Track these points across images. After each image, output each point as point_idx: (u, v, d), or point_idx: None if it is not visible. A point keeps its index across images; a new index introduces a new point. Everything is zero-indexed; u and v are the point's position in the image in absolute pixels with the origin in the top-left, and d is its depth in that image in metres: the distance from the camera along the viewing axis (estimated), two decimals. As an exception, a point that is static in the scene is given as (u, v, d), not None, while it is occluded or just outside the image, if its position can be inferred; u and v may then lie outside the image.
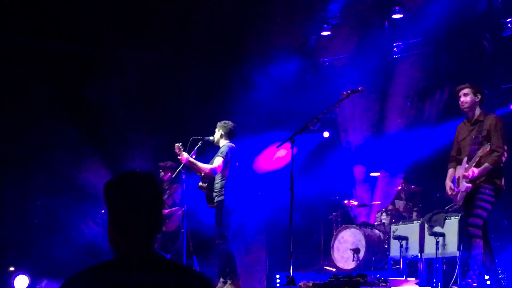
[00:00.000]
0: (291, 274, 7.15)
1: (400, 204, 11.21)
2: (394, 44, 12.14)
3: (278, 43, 12.12)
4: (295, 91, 12.68)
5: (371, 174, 12.75)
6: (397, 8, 11.46)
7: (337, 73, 12.54)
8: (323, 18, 12.02)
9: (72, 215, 12.22)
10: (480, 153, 6.91)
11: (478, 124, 7.17)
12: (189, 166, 8.53)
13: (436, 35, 11.32)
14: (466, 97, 7.22)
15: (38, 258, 11.62)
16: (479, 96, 7.24)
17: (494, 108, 11.03)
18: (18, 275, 11.00)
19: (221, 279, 8.30)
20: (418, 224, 9.56)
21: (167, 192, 10.63)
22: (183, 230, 9.04)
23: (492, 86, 11.29)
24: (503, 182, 7.10)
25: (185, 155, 8.38)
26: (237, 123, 8.85)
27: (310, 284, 7.18)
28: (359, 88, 7.69)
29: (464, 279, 6.77)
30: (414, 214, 10.55)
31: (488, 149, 6.90)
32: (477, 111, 7.25)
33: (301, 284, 7.24)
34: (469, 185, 6.99)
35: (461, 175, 7.10)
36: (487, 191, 7.00)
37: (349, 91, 7.61)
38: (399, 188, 11.34)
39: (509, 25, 10.93)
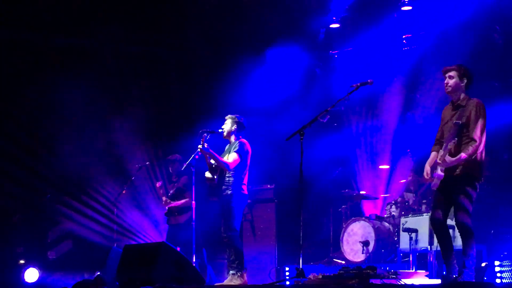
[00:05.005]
0: (301, 267, 7.15)
1: (409, 196, 11.18)
2: (404, 37, 12.11)
3: (286, 36, 12.10)
4: (304, 84, 12.69)
5: (380, 167, 12.74)
6: (406, 0, 11.42)
7: (347, 65, 12.54)
8: (331, 11, 12.02)
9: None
10: (450, 146, 6.67)
11: (460, 109, 6.86)
12: (209, 156, 8.44)
13: (446, 27, 11.27)
14: (451, 79, 6.93)
15: (48, 252, 11.70)
16: (465, 80, 6.91)
17: (503, 100, 11.01)
18: (28, 268, 11.06)
19: (231, 272, 8.31)
20: (428, 216, 9.54)
21: (175, 184, 10.70)
22: (193, 223, 9.07)
23: (502, 79, 11.28)
24: (482, 174, 6.78)
25: (205, 145, 8.34)
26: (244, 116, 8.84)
27: (320, 277, 7.17)
28: (369, 81, 7.60)
29: (461, 275, 6.65)
30: (424, 206, 10.52)
31: (453, 143, 6.65)
32: (462, 95, 6.93)
33: (311, 276, 7.23)
34: (441, 173, 6.73)
35: (437, 161, 6.85)
36: (467, 184, 6.70)
37: (358, 84, 7.55)
38: (409, 180, 11.32)
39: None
